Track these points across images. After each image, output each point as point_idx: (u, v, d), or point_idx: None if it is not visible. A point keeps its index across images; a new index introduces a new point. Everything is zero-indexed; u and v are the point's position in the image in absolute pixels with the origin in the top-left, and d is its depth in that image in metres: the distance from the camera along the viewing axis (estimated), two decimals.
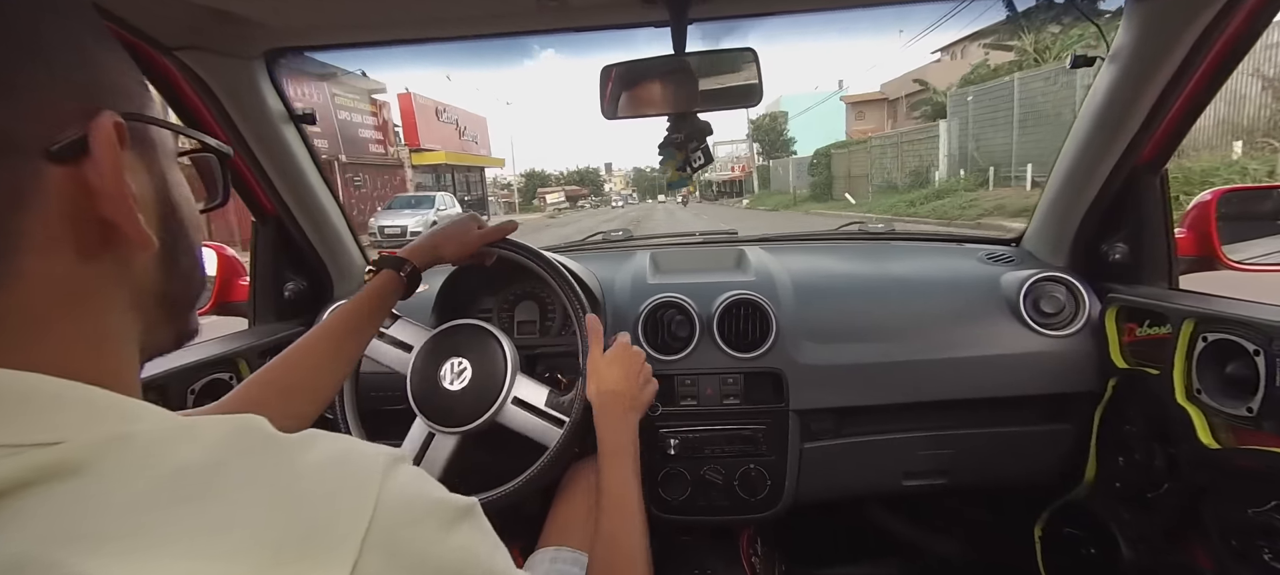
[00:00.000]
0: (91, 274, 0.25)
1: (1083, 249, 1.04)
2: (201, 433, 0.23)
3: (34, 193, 0.23)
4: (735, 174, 40.94)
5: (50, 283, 0.24)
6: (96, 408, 0.23)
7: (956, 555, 1.28)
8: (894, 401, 0.99)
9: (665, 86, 0.92)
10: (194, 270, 0.32)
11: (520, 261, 0.88)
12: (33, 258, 0.23)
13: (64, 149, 0.24)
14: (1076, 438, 1.00)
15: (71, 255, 0.24)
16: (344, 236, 1.20)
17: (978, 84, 12.50)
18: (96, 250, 0.25)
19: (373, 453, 0.26)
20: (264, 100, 0.97)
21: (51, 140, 0.23)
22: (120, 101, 0.27)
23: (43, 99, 0.24)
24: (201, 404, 0.86)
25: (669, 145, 0.95)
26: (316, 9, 0.83)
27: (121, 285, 0.27)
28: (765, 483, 0.99)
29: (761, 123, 33.09)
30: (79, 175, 0.24)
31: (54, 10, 0.25)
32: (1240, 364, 0.73)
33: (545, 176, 60.70)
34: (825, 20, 3.83)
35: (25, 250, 0.23)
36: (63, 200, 0.24)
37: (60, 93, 0.24)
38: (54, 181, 0.24)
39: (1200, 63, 0.79)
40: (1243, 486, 0.73)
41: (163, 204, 0.29)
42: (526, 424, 0.83)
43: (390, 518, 0.23)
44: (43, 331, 0.24)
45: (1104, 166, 0.95)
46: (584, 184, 59.98)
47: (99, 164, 0.24)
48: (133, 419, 0.24)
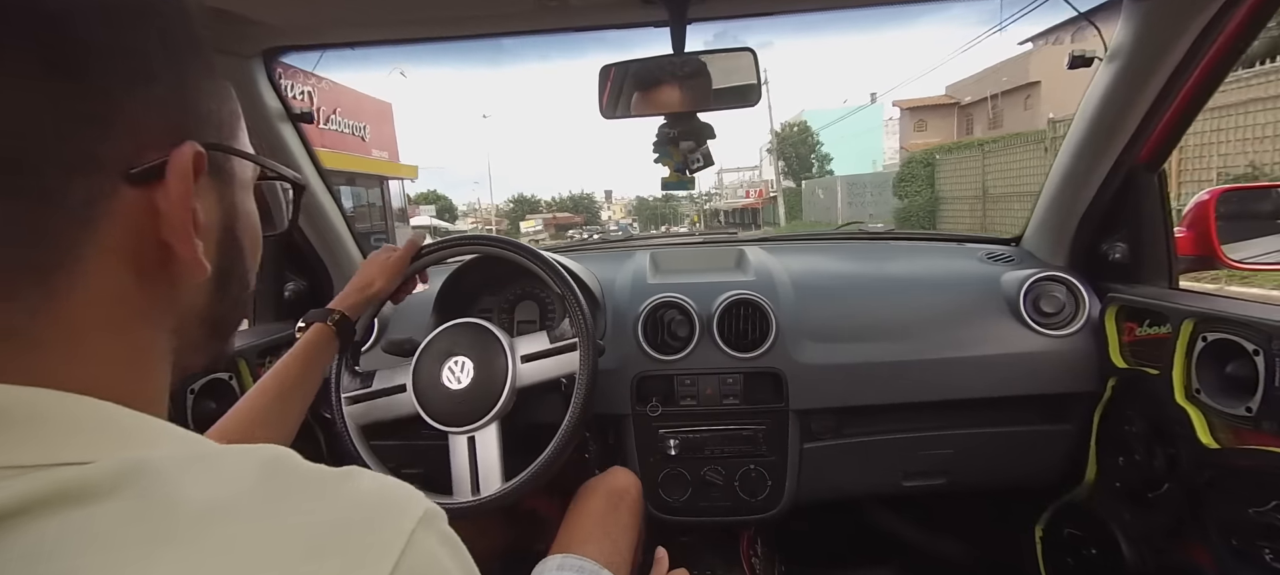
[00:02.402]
0: (144, 292, 0.26)
1: (1082, 248, 1.04)
2: (228, 464, 0.24)
3: (106, 210, 0.24)
4: (750, 200, 33.07)
5: (103, 296, 0.24)
6: (123, 429, 0.24)
7: (957, 555, 1.28)
8: (894, 401, 0.99)
9: (664, 86, 0.92)
10: (243, 296, 0.33)
11: (520, 262, 0.88)
12: (92, 269, 0.24)
13: (142, 173, 0.24)
14: (1076, 438, 1.00)
15: (129, 272, 0.25)
16: (344, 237, 1.20)
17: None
18: (153, 271, 0.26)
19: (411, 499, 0.25)
20: (262, 99, 0.97)
21: (133, 163, 0.24)
22: (207, 131, 0.28)
23: (137, 124, 0.24)
24: (201, 403, 0.86)
25: (664, 142, 0.95)
26: (315, 8, 0.83)
27: (170, 306, 0.28)
28: (765, 483, 0.99)
29: (787, 135, 26.73)
30: (150, 198, 0.25)
31: (165, 44, 0.26)
32: (1240, 364, 0.73)
33: (534, 202, 56.60)
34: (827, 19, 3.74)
35: (87, 260, 0.24)
36: (130, 220, 0.24)
37: (154, 118, 0.25)
38: (127, 202, 0.24)
39: (1198, 62, 0.79)
40: (1243, 486, 0.73)
41: (226, 232, 0.30)
42: (547, 368, 0.85)
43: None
44: (85, 343, 0.24)
45: (1102, 166, 0.95)
46: (578, 211, 55.34)
47: (170, 191, 0.25)
48: (152, 442, 0.24)
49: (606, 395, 0.98)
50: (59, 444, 0.22)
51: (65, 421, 0.22)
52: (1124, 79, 0.87)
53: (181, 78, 0.27)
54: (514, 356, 0.85)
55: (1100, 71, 0.91)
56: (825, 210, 18.91)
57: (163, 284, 0.26)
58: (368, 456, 0.85)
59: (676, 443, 0.99)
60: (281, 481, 0.24)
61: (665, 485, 1.00)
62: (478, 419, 0.83)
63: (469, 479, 0.83)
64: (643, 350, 0.99)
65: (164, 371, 0.29)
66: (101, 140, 0.23)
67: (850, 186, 17.68)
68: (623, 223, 62.56)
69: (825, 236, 1.43)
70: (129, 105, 0.24)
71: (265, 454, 0.25)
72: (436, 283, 1.06)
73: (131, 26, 0.25)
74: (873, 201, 16.42)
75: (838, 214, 17.52)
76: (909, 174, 12.93)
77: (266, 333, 1.02)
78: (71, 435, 0.22)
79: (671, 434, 0.99)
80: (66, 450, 0.22)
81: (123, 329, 0.25)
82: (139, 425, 0.24)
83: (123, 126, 0.24)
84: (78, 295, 0.24)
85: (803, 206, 21.93)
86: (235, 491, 0.23)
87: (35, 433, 0.22)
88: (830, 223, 16.91)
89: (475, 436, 0.83)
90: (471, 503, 0.81)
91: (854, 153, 24.70)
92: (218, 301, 0.30)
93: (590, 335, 0.83)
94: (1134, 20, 0.83)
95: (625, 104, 0.92)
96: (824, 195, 19.36)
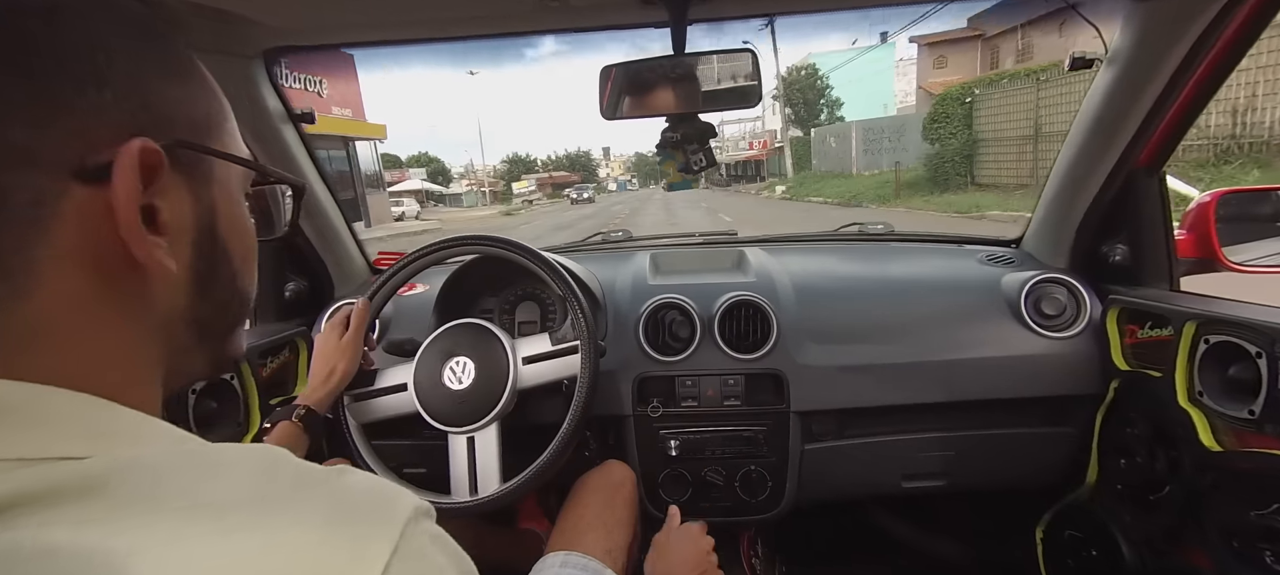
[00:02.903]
0: (113, 291, 0.26)
1: (1083, 250, 1.03)
2: (223, 461, 0.24)
3: (56, 211, 0.23)
4: (753, 152, 31.50)
5: (68, 298, 0.24)
6: (115, 425, 0.24)
7: (957, 556, 1.27)
8: (895, 403, 0.99)
9: (664, 87, 0.92)
10: (232, 299, 0.32)
11: (521, 263, 0.88)
12: (51, 271, 0.24)
13: (89, 171, 0.24)
14: (1078, 440, 1.00)
15: (91, 273, 0.25)
16: (344, 237, 1.20)
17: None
18: (119, 270, 0.25)
19: (402, 495, 0.26)
20: (263, 100, 0.97)
21: (82, 163, 0.24)
22: (175, 130, 0.27)
23: (86, 122, 0.24)
24: (203, 403, 0.85)
25: (667, 145, 0.95)
26: (315, 9, 0.83)
27: (146, 306, 0.27)
28: (766, 484, 0.99)
29: (794, 79, 24.36)
30: (104, 198, 0.24)
31: (118, 44, 0.26)
32: (1242, 366, 0.73)
33: (530, 162, 54.62)
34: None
35: (44, 262, 0.23)
36: (85, 220, 0.24)
37: (105, 118, 0.25)
38: (77, 201, 0.24)
39: (1198, 65, 0.79)
40: (1245, 489, 0.73)
41: (203, 231, 0.29)
42: (548, 370, 0.85)
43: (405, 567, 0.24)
44: (58, 344, 0.24)
45: (1102, 169, 0.95)
46: (575, 169, 53.27)
47: (115, 189, 0.24)
48: (146, 439, 0.24)
49: (607, 396, 0.98)
50: (52, 438, 0.22)
51: (59, 416, 0.23)
52: (1124, 82, 0.87)
53: (137, 77, 0.26)
54: (515, 358, 0.85)
55: (1100, 74, 0.91)
56: (838, 159, 16.91)
57: (133, 283, 0.26)
58: (368, 455, 0.85)
59: (677, 443, 0.99)
60: (277, 479, 0.24)
61: (666, 486, 1.00)
62: (478, 419, 0.83)
63: (467, 479, 0.82)
64: (644, 351, 0.99)
65: (154, 373, 0.28)
66: (48, 140, 0.23)
67: (866, 132, 15.76)
68: (620, 179, 60.69)
69: (825, 237, 1.42)
70: (78, 105, 0.24)
71: (259, 452, 0.25)
72: (437, 283, 1.06)
73: (80, 27, 0.25)
74: (892, 148, 14.67)
75: (852, 162, 15.81)
76: (942, 113, 10.94)
77: (267, 333, 1.02)
78: (65, 430, 0.22)
79: (672, 435, 0.99)
80: (60, 445, 0.22)
81: (91, 330, 0.25)
82: (131, 422, 0.24)
83: (71, 127, 0.24)
84: (40, 295, 0.23)
85: (812, 156, 20.03)
86: (231, 489, 0.23)
87: (28, 426, 0.22)
88: (843, 173, 15.95)
89: (475, 437, 0.83)
90: (470, 503, 0.81)
91: (862, 97, 22.93)
92: (200, 303, 0.30)
93: (592, 337, 0.83)
94: (1134, 23, 0.83)
95: (625, 104, 0.92)
96: (836, 144, 17.27)
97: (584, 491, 0.85)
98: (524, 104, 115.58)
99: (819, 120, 22.94)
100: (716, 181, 33.14)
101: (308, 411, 0.75)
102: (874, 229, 1.41)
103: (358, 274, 1.24)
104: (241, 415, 0.92)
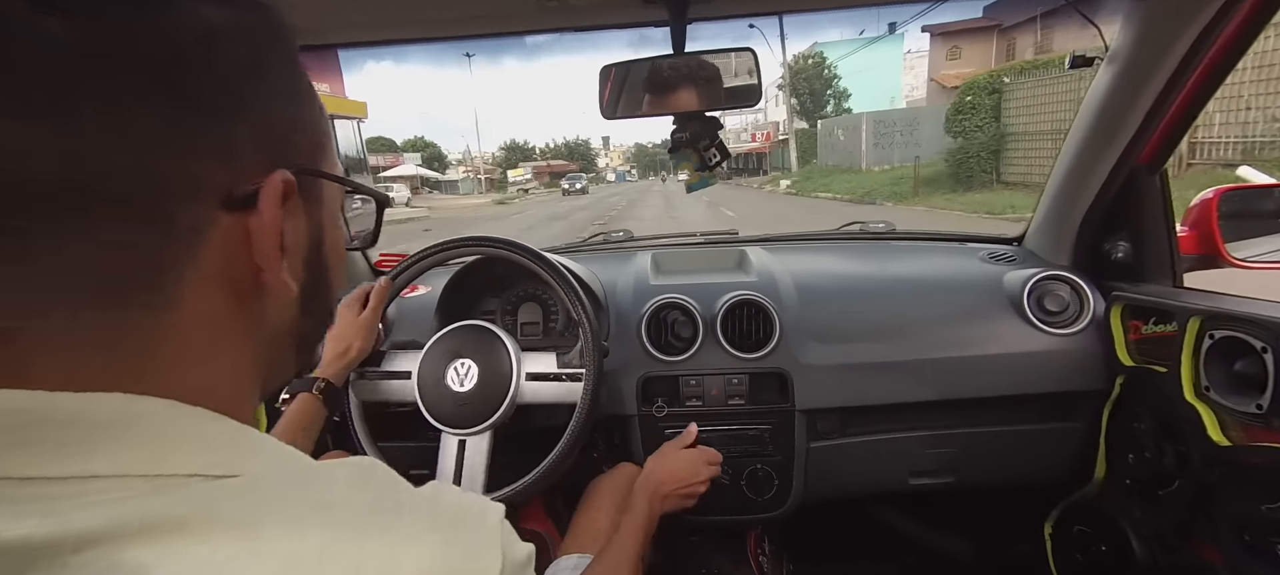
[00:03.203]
0: (240, 311, 0.27)
1: (1085, 248, 1.03)
2: (330, 474, 0.26)
3: (206, 235, 0.25)
4: (755, 144, 29.97)
5: (202, 316, 0.25)
6: (227, 441, 0.25)
7: (965, 553, 1.27)
8: (899, 401, 0.98)
9: (665, 86, 0.92)
10: (326, 311, 0.34)
11: (523, 264, 0.88)
12: (192, 291, 0.25)
13: (238, 199, 0.25)
14: (1085, 436, 1.00)
15: (226, 293, 0.26)
16: None
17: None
18: (247, 290, 0.27)
19: (488, 505, 0.30)
20: None
21: (232, 188, 0.25)
22: (300, 155, 0.29)
23: (236, 152, 0.26)
24: None
25: (679, 146, 0.95)
26: (316, 9, 0.83)
27: (262, 323, 0.29)
28: (772, 482, 0.98)
29: (800, 68, 23.15)
30: (243, 223, 0.26)
31: (260, 74, 0.27)
32: (1248, 361, 0.72)
33: (528, 150, 53.84)
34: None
35: (188, 283, 0.25)
36: (227, 243, 0.26)
37: (250, 148, 0.26)
38: (223, 226, 0.25)
39: (1198, 63, 0.79)
40: (1254, 483, 0.73)
41: (312, 251, 0.31)
42: (547, 392, 0.84)
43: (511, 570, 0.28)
44: (187, 361, 0.25)
45: (1103, 166, 0.95)
46: (573, 158, 52.64)
47: (262, 217, 0.26)
48: (263, 456, 0.26)
49: (612, 396, 0.97)
50: (164, 455, 0.23)
51: (182, 432, 0.24)
52: (1124, 80, 0.87)
53: (273, 105, 0.28)
54: (519, 372, 0.84)
55: (1101, 72, 0.91)
56: (846, 153, 15.98)
57: (256, 303, 0.28)
58: (362, 431, 0.85)
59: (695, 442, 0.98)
60: (385, 499, 0.27)
61: None
62: (473, 425, 0.82)
63: (450, 482, 0.82)
64: (647, 351, 0.99)
65: (256, 387, 0.30)
66: (207, 168, 0.25)
67: (877, 124, 14.98)
68: (619, 170, 60.20)
69: (826, 236, 1.43)
70: (230, 135, 0.25)
71: (360, 468, 0.28)
72: (439, 284, 1.06)
73: (232, 55, 0.26)
74: (904, 142, 14.16)
75: (862, 156, 14.94)
76: (967, 104, 10.14)
77: None
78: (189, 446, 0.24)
79: (677, 434, 0.99)
80: (172, 461, 0.23)
81: (221, 345, 0.27)
82: (244, 438, 0.26)
83: (225, 155, 0.25)
84: (179, 314, 0.25)
85: (818, 148, 19.20)
86: (344, 507, 0.25)
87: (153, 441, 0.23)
88: (852, 168, 15.12)
89: (466, 442, 0.83)
90: None
91: (868, 90, 22.15)
92: (304, 317, 0.31)
93: (595, 336, 0.82)
94: (1134, 21, 0.83)
95: (625, 104, 0.92)
96: (844, 136, 16.34)
97: (597, 495, 0.85)
98: (523, 92, 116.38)
99: (825, 112, 22.21)
100: (717, 173, 33.20)
101: (327, 384, 0.77)
102: (875, 227, 1.41)
103: (358, 275, 1.24)
104: None
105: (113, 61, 0.22)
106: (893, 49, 24.47)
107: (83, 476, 0.21)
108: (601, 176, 53.44)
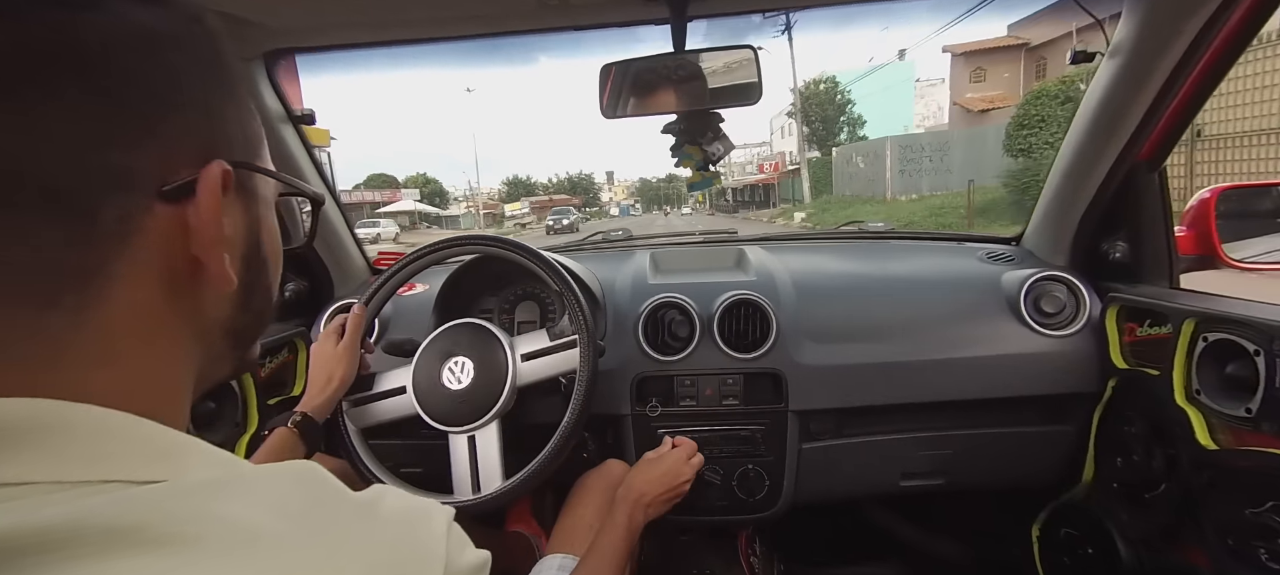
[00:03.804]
0: (173, 305, 0.27)
1: (1083, 248, 1.03)
2: (266, 481, 0.25)
3: (139, 226, 0.25)
4: (763, 175, 28.57)
5: (134, 310, 0.25)
6: (155, 447, 0.24)
7: (955, 555, 1.28)
8: (893, 402, 0.99)
9: (665, 85, 0.92)
10: (265, 308, 0.34)
11: (521, 263, 0.88)
12: (124, 284, 0.25)
13: (174, 190, 0.26)
14: (1076, 438, 1.00)
15: (160, 286, 0.26)
16: (344, 237, 1.20)
17: None
18: (183, 284, 0.27)
19: (433, 510, 0.29)
20: (263, 101, 0.97)
21: (166, 181, 0.25)
22: (235, 150, 0.29)
23: (170, 144, 0.26)
24: (201, 404, 0.86)
25: (682, 145, 0.95)
26: (316, 9, 0.83)
27: (196, 318, 0.28)
28: (764, 483, 0.99)
29: (811, 94, 21.77)
30: (181, 214, 0.26)
31: (195, 70, 0.28)
32: (1240, 364, 0.73)
33: (530, 185, 54.09)
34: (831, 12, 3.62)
35: (120, 276, 0.25)
36: (162, 236, 0.25)
37: (185, 140, 0.26)
38: (159, 218, 0.25)
39: (1199, 59, 0.79)
40: (1240, 487, 0.73)
41: (250, 245, 0.31)
42: (545, 366, 0.85)
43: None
44: (116, 356, 0.25)
45: (1103, 164, 0.95)
46: (575, 192, 52.74)
47: (201, 207, 0.26)
48: (188, 462, 0.25)
49: (606, 396, 0.98)
50: (92, 461, 0.22)
51: (113, 435, 0.23)
52: (1125, 76, 0.86)
53: (210, 101, 0.28)
54: (514, 355, 0.85)
55: (1101, 68, 0.91)
56: (867, 182, 14.40)
57: (190, 297, 0.28)
58: (367, 457, 0.86)
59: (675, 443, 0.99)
60: (324, 506, 0.26)
61: None
62: (478, 418, 0.83)
63: (469, 478, 0.83)
64: (643, 351, 0.99)
65: (189, 384, 0.29)
66: (136, 161, 0.25)
67: (903, 150, 13.47)
68: (624, 204, 59.84)
69: (825, 236, 1.43)
70: (162, 128, 0.26)
71: (298, 474, 0.26)
72: (436, 284, 1.06)
73: (165, 55, 0.26)
74: (933, 168, 12.99)
75: (886, 185, 13.47)
76: (1034, 116, 8.57)
77: (268, 333, 1.02)
78: (122, 452, 0.23)
79: (670, 434, 0.99)
80: (102, 467, 0.22)
81: (152, 340, 0.26)
82: (176, 444, 0.25)
83: (156, 148, 0.25)
84: (111, 307, 0.24)
85: (832, 178, 17.69)
86: (281, 517, 0.24)
87: (78, 446, 0.22)
88: (875, 198, 13.67)
89: (475, 436, 0.84)
90: (473, 501, 0.81)
91: (879, 120, 21.08)
92: (241, 313, 0.31)
93: (591, 333, 0.83)
94: (1135, 17, 0.82)
95: (626, 103, 0.92)
96: (865, 164, 14.89)
97: (584, 492, 0.85)
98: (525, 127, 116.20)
99: (838, 139, 20.98)
100: (722, 207, 31.66)
101: (304, 418, 0.75)
102: (874, 226, 1.41)
103: (357, 274, 1.25)
104: (239, 416, 0.92)
105: (33, 59, 0.22)
106: (901, 76, 23.38)
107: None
108: (605, 210, 53.08)
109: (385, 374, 0.89)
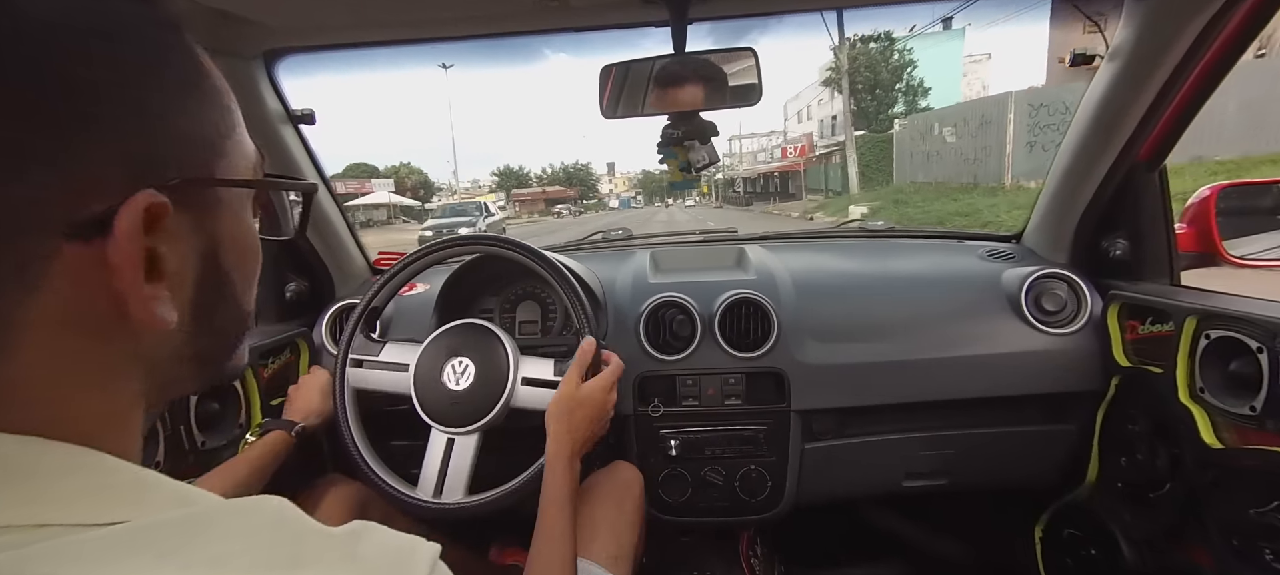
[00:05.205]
0: (101, 348, 0.24)
1: (1083, 246, 1.03)
2: (233, 520, 0.23)
3: (44, 271, 0.21)
4: (785, 162, 24.11)
5: (53, 357, 0.22)
6: (112, 487, 0.22)
7: (957, 556, 1.27)
8: (896, 401, 0.99)
9: (665, 86, 0.92)
10: (232, 324, 0.30)
11: (521, 262, 0.88)
12: (36, 331, 0.21)
13: (81, 226, 0.21)
14: (1079, 437, 1.00)
15: (80, 333, 0.23)
16: (344, 237, 1.20)
17: None
18: (111, 325, 0.23)
19: (417, 548, 0.27)
20: (263, 101, 0.97)
21: (75, 216, 0.21)
22: (185, 162, 0.25)
23: (80, 169, 0.21)
24: (204, 405, 0.85)
25: (668, 143, 0.95)
26: (315, 9, 0.83)
27: (134, 357, 0.25)
28: (766, 483, 0.99)
29: (860, 56, 16.84)
30: (99, 251, 0.22)
31: (121, 70, 0.23)
32: (1243, 362, 0.72)
33: (524, 176, 51.39)
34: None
35: (30, 324, 0.21)
36: (76, 280, 0.22)
37: (97, 163, 0.22)
38: (67, 261, 0.21)
39: (1199, 60, 0.79)
40: (1245, 486, 0.73)
41: (206, 264, 0.27)
42: (542, 398, 0.83)
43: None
44: (44, 401, 0.22)
45: (1103, 163, 0.95)
46: (573, 184, 50.14)
47: (118, 243, 0.22)
48: (145, 502, 0.23)
49: None
50: (49, 503, 0.20)
51: (51, 472, 0.21)
52: (1125, 77, 0.86)
53: (136, 106, 0.23)
54: (516, 375, 0.84)
55: (1101, 69, 0.91)
56: (956, 162, 9.81)
57: (125, 338, 0.24)
58: (355, 428, 0.86)
59: (677, 443, 0.99)
60: (301, 543, 0.24)
61: (665, 485, 1.00)
62: (464, 424, 0.82)
63: (436, 480, 0.82)
64: (645, 350, 0.99)
65: (136, 417, 0.26)
66: (43, 195, 0.20)
67: (1032, 113, 8.75)
68: (624, 196, 58.26)
69: (825, 234, 1.43)
70: (77, 153, 0.21)
71: (269, 515, 0.24)
72: (437, 283, 1.06)
73: (80, 52, 0.21)
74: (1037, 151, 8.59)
75: (1005, 165, 8.97)
76: None
77: (268, 334, 1.02)
78: (61, 491, 0.21)
79: (673, 434, 0.99)
80: (59, 510, 0.20)
81: (82, 385, 0.23)
82: (126, 479, 0.23)
83: (69, 178, 0.21)
84: (24, 356, 0.21)
85: (896, 159, 13.18)
86: (253, 565, 0.22)
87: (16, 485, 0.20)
88: (976, 184, 9.62)
89: (456, 440, 0.83)
90: (429, 504, 0.80)
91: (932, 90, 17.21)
92: (197, 338, 0.27)
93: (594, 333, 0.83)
94: (1135, 19, 0.83)
95: (625, 104, 0.92)
96: (954, 136, 10.19)
97: (592, 494, 0.84)
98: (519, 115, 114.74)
99: (894, 111, 16.11)
100: (732, 200, 29.13)
101: (302, 428, 0.80)
102: (875, 225, 1.41)
103: (358, 274, 1.25)
104: (242, 417, 0.92)
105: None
106: (948, 48, 19.06)
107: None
108: (604, 203, 51.50)
109: (394, 345, 0.89)
